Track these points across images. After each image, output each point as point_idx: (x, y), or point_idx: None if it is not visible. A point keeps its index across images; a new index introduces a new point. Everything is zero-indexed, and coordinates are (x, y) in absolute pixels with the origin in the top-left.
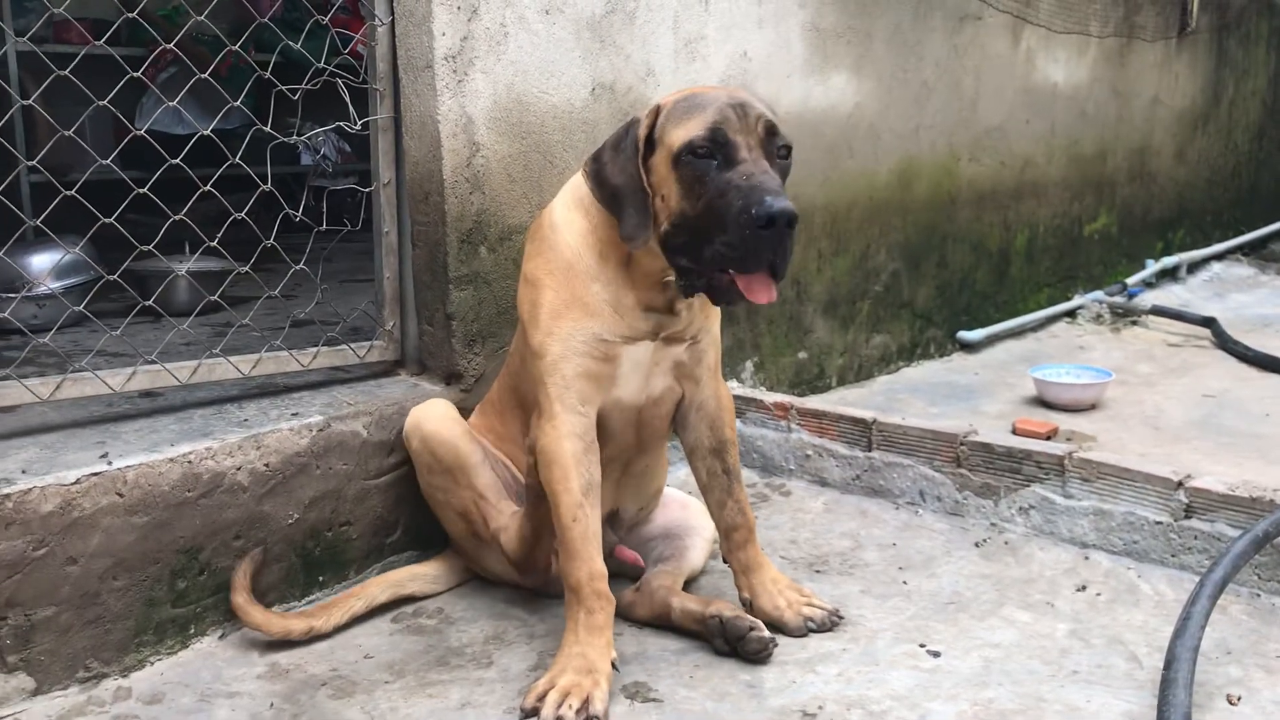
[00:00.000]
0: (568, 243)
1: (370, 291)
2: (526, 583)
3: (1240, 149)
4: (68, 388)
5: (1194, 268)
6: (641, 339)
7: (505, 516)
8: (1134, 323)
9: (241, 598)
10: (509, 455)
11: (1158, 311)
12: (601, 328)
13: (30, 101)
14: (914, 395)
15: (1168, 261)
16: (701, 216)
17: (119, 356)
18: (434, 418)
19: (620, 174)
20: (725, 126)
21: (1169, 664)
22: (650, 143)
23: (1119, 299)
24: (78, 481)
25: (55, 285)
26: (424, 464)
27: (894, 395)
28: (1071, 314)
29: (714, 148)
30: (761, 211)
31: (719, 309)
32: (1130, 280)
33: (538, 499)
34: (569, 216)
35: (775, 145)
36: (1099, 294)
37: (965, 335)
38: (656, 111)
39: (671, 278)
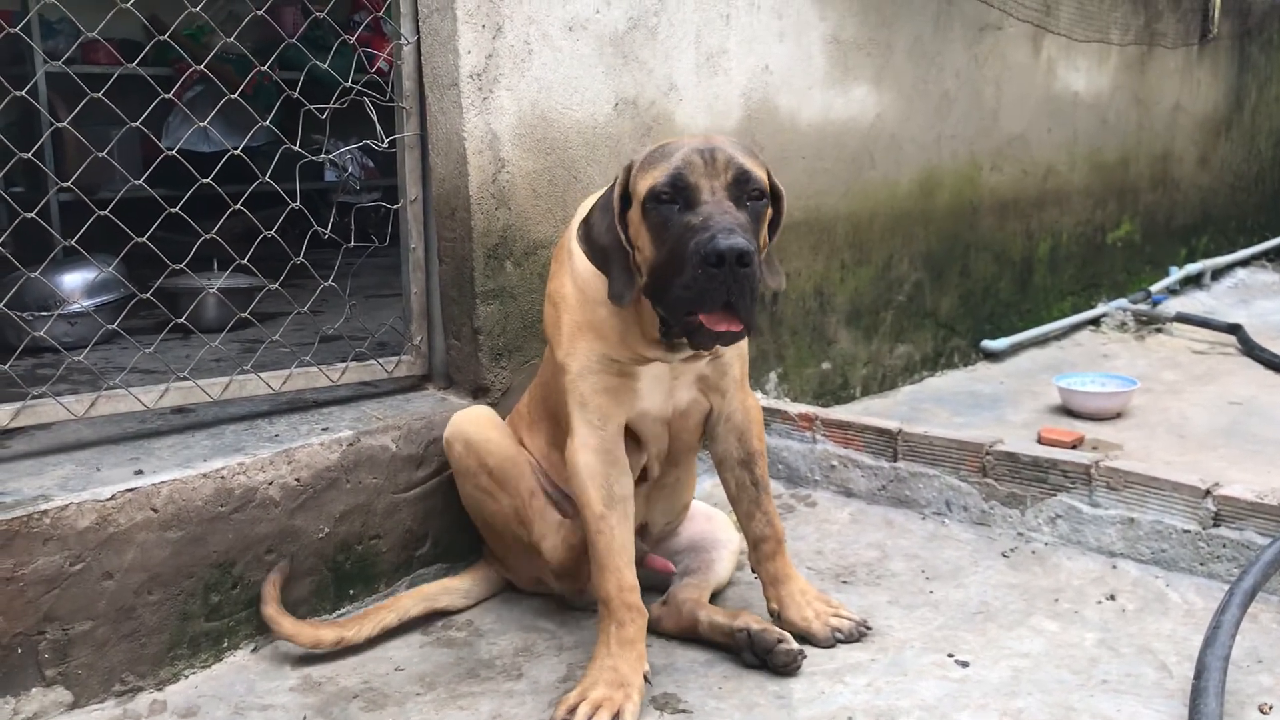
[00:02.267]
0: (579, 269)
1: (397, 307)
2: (562, 589)
3: (1264, 155)
4: (102, 405)
5: (1218, 274)
6: (654, 361)
7: (548, 524)
8: (1158, 330)
9: (272, 609)
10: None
11: (1182, 319)
12: (613, 350)
13: (65, 124)
14: (938, 405)
15: (1191, 268)
16: (666, 262)
17: (151, 373)
18: (478, 423)
19: (605, 234)
20: (687, 171)
21: (1199, 673)
22: (627, 199)
23: (1143, 306)
24: (113, 497)
25: (87, 303)
26: (467, 469)
27: (918, 405)
28: (1095, 322)
29: (675, 192)
30: (710, 249)
31: None
32: (1154, 288)
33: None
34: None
35: (746, 189)
36: (1123, 301)
37: (989, 344)
38: (630, 166)
39: None
